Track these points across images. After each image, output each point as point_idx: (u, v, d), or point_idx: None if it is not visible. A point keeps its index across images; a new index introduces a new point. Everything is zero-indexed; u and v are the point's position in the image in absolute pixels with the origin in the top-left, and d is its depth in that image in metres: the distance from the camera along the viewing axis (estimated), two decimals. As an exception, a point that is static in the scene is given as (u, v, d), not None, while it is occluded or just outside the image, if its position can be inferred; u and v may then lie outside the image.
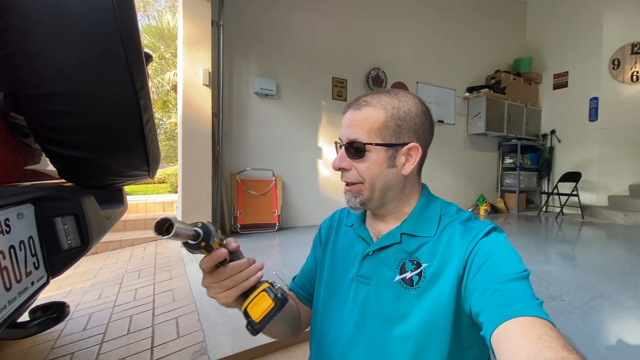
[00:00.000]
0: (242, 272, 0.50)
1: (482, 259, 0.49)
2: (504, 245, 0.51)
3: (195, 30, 2.94)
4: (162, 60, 9.26)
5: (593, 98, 5.14)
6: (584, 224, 4.43)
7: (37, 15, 0.66)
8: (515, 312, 0.40)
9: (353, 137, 0.58)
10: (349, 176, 0.60)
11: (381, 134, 0.57)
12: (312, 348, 0.68)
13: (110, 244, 3.13)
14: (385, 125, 0.57)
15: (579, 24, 5.31)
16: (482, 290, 0.46)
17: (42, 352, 1.39)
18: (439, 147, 5.04)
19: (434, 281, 0.53)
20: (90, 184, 0.91)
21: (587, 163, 5.16)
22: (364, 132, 0.57)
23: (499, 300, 0.43)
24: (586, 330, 1.48)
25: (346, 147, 0.59)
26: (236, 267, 0.50)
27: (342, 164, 0.59)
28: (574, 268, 2.47)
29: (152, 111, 0.95)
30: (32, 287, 0.62)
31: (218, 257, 0.47)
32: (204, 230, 0.45)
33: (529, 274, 0.47)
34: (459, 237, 0.54)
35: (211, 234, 0.46)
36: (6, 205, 0.56)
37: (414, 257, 0.56)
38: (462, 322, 0.51)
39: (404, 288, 0.55)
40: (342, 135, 0.60)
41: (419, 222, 0.60)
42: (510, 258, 0.49)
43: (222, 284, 0.49)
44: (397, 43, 4.61)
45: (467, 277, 0.50)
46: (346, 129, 0.59)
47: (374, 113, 0.57)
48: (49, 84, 0.69)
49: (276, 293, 0.50)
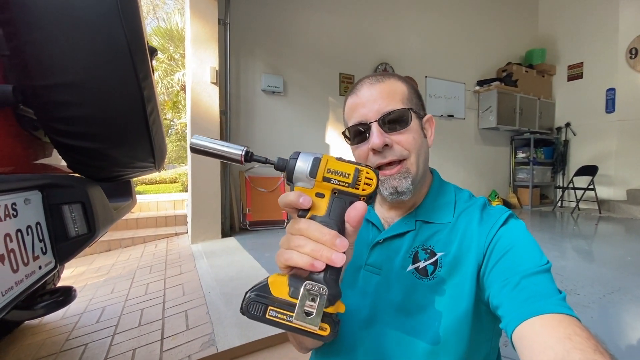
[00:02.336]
0: (316, 238, 0.34)
1: (504, 249, 0.47)
2: (524, 234, 0.49)
3: (202, 28, 2.97)
4: (172, 62, 9.40)
5: (610, 89, 4.98)
6: (601, 218, 4.29)
7: (42, 7, 0.68)
8: (540, 308, 0.38)
9: (389, 107, 0.52)
10: (394, 153, 0.53)
11: (412, 102, 0.55)
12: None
13: (123, 242, 3.20)
14: (410, 96, 0.55)
15: (593, 13, 5.15)
16: (502, 282, 0.44)
17: (57, 343, 1.43)
18: (449, 142, 4.97)
19: (453, 271, 0.50)
20: (99, 176, 0.93)
21: (604, 156, 5.00)
22: (398, 100, 0.53)
23: (522, 295, 0.41)
24: (602, 324, 1.43)
25: (381, 122, 0.52)
26: (314, 226, 0.34)
27: (386, 139, 0.52)
28: (590, 262, 2.40)
29: (157, 103, 0.96)
30: (40, 271, 0.64)
31: (294, 201, 0.36)
32: (292, 158, 0.36)
33: (550, 266, 0.45)
34: (477, 224, 0.51)
35: (305, 169, 0.36)
36: (13, 189, 0.58)
37: (427, 245, 0.53)
38: (481, 311, 0.49)
39: (418, 278, 0.52)
40: (368, 113, 0.53)
41: (434, 208, 0.56)
42: (532, 249, 0.47)
43: (289, 238, 0.36)
44: (404, 37, 4.56)
45: (486, 266, 0.48)
46: (372, 104, 0.53)
47: (397, 84, 0.55)
48: (54, 75, 0.71)
49: (336, 321, 0.35)
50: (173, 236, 3.42)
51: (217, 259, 2.40)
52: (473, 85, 5.22)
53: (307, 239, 0.34)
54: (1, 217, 0.53)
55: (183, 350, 1.29)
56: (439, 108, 4.89)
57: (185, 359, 1.23)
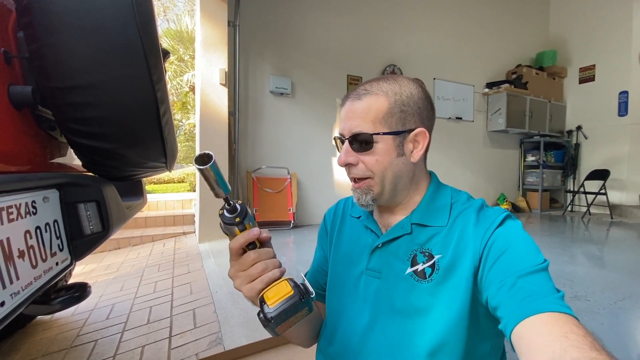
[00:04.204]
0: (268, 260, 0.48)
1: (499, 250, 0.47)
2: (521, 235, 0.49)
3: (212, 31, 3.01)
4: (182, 63, 9.52)
5: (622, 92, 4.88)
6: (612, 223, 4.21)
7: (61, 12, 0.70)
8: (537, 307, 0.38)
9: (357, 129, 0.54)
10: (357, 171, 0.56)
11: (387, 122, 0.54)
12: (320, 341, 0.66)
13: (132, 240, 3.25)
14: (390, 113, 0.54)
15: (606, 15, 5.06)
16: (499, 283, 0.44)
17: (68, 338, 1.46)
18: (457, 144, 4.94)
19: (449, 273, 0.51)
20: (112, 175, 0.95)
21: (616, 160, 4.91)
22: (369, 122, 0.53)
23: (519, 294, 0.41)
24: (613, 331, 1.41)
25: (350, 141, 0.55)
26: (262, 253, 0.48)
27: (349, 158, 0.55)
28: (600, 268, 2.36)
29: (169, 104, 0.98)
30: (57, 267, 0.66)
31: (250, 235, 0.46)
32: (241, 207, 0.45)
33: (548, 264, 0.45)
34: (473, 226, 0.52)
35: (248, 214, 0.46)
36: (33, 188, 0.60)
37: (426, 248, 0.54)
38: (479, 313, 0.50)
39: (416, 281, 0.53)
40: (344, 129, 0.56)
41: (429, 212, 0.57)
42: (528, 249, 0.47)
43: (247, 273, 0.47)
44: (413, 38, 4.55)
45: (483, 268, 0.48)
46: (347, 122, 0.55)
47: (377, 101, 0.54)
48: (72, 77, 0.73)
49: (297, 283, 0.46)
50: (181, 235, 3.47)
51: (224, 258, 2.42)
52: (482, 87, 5.17)
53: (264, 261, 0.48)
54: (22, 214, 0.55)
55: (190, 348, 1.31)
56: (447, 110, 4.86)
57: (193, 357, 1.25)
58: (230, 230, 0.46)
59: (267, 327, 0.43)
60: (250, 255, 0.47)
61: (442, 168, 4.80)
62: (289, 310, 0.43)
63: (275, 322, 0.43)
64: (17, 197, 0.56)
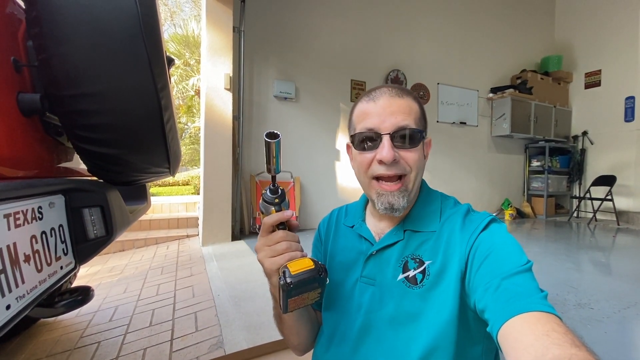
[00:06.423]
0: (293, 242, 0.52)
1: (484, 254, 0.48)
2: (504, 237, 0.50)
3: (217, 37, 3.05)
4: (187, 67, 9.62)
5: (629, 97, 4.84)
6: (619, 230, 4.16)
7: (69, 23, 0.72)
8: (520, 307, 0.39)
9: (404, 123, 0.53)
10: (399, 167, 0.54)
11: (421, 123, 0.57)
12: (316, 348, 0.67)
13: (136, 242, 3.28)
14: (422, 116, 0.58)
15: (612, 19, 5.03)
16: (485, 286, 0.45)
17: (72, 340, 1.48)
18: (462, 149, 4.92)
19: (439, 279, 0.52)
20: (117, 180, 0.97)
21: (623, 166, 4.86)
22: (412, 120, 0.54)
23: (503, 296, 0.42)
24: (616, 340, 1.39)
25: (393, 136, 0.53)
26: (289, 234, 0.52)
27: (396, 155, 0.53)
28: (605, 275, 2.33)
29: (173, 111, 1.00)
30: (61, 271, 0.67)
31: (283, 215, 0.51)
32: (282, 191, 0.52)
33: (531, 265, 0.46)
34: (459, 231, 0.53)
35: (285, 199, 0.52)
36: (40, 194, 0.62)
37: (416, 254, 0.55)
38: (469, 317, 0.51)
39: (408, 287, 0.54)
40: (383, 123, 0.53)
41: (421, 217, 0.58)
42: (511, 251, 0.48)
43: (273, 248, 0.51)
44: (417, 43, 4.56)
45: (469, 272, 0.49)
46: (390, 116, 0.53)
47: (414, 104, 0.57)
48: (79, 86, 0.75)
49: (317, 261, 0.51)
50: (184, 238, 3.49)
51: (226, 261, 2.44)
52: (486, 92, 5.16)
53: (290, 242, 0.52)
54: (28, 219, 0.57)
55: (192, 351, 1.32)
56: (451, 115, 4.85)
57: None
58: (267, 209, 0.52)
59: (285, 292, 0.47)
60: (279, 233, 0.52)
61: (446, 173, 4.78)
62: (307, 282, 0.48)
63: (294, 288, 0.47)
64: (24, 203, 0.58)
